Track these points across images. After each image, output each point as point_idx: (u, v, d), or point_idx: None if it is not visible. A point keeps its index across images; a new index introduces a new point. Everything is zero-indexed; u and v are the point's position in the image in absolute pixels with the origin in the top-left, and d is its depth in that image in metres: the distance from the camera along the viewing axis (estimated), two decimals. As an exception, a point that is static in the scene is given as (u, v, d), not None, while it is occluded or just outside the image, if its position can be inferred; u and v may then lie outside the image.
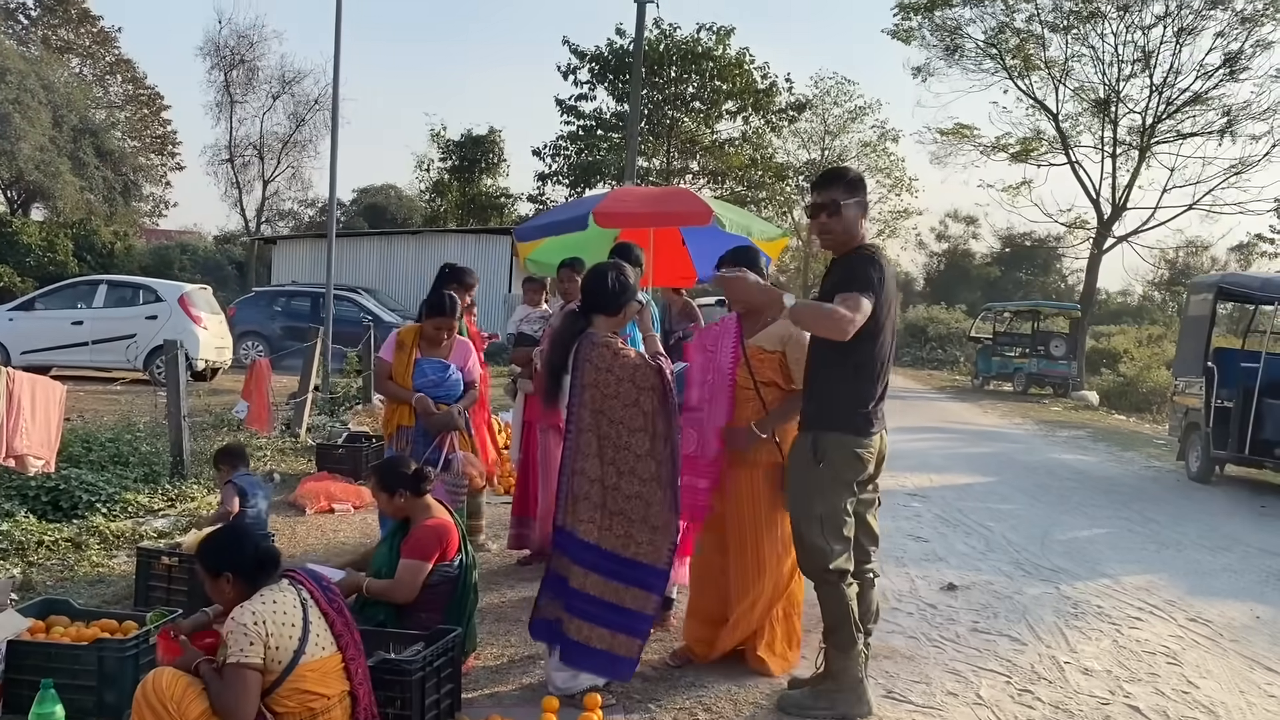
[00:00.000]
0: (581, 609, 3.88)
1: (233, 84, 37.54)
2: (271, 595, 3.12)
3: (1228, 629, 5.53)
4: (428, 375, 5.24)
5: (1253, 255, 49.27)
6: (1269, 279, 12.41)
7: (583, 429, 3.90)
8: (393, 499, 4.28)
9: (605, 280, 4.05)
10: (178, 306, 15.29)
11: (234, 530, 3.47)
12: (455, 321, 5.32)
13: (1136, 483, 11.13)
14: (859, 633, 3.97)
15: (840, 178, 4.01)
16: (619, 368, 3.86)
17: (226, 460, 5.34)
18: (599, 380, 3.85)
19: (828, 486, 3.87)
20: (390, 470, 4.35)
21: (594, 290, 4.06)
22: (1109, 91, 26.60)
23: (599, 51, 34.46)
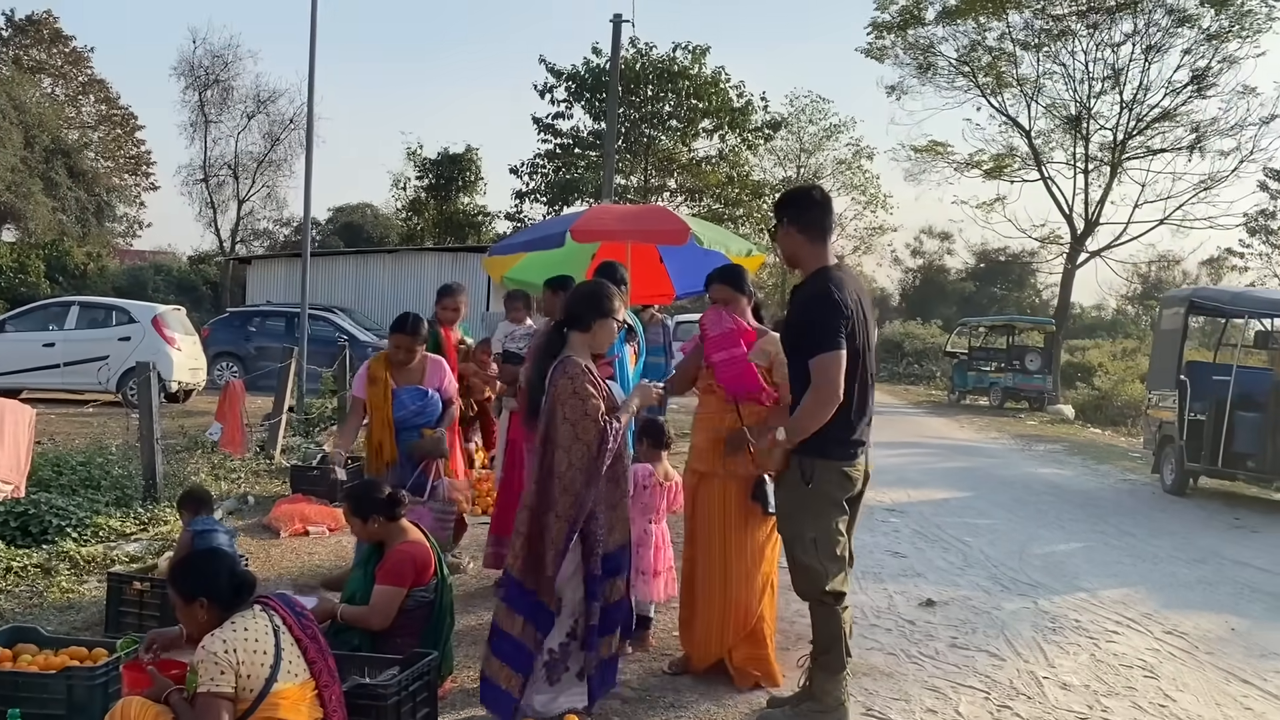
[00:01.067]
0: (495, 643, 3.83)
1: (207, 104, 37.33)
2: (243, 622, 3.07)
3: (1204, 641, 5.56)
4: (408, 405, 5.20)
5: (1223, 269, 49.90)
6: (1239, 293, 12.56)
7: (534, 453, 3.86)
8: (366, 524, 4.24)
9: (577, 296, 4.02)
10: (151, 328, 15.15)
11: (209, 555, 3.42)
12: (418, 340, 5.24)
13: (1112, 496, 11.19)
14: (849, 657, 3.97)
15: (781, 200, 4.11)
16: (569, 408, 3.72)
17: (189, 506, 5.17)
18: (554, 410, 3.77)
19: (819, 508, 3.88)
20: (363, 495, 4.30)
21: (569, 307, 4.01)
22: (1080, 108, 26.93)
23: (575, 70, 34.59)
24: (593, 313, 3.89)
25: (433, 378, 5.32)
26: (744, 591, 4.36)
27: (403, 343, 5.21)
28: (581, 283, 4.18)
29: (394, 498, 4.28)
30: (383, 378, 5.25)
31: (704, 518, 4.44)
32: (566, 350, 3.87)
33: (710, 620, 4.40)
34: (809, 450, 3.87)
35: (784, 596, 5.71)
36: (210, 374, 17.71)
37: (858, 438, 3.93)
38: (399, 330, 5.21)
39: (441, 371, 5.38)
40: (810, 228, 3.96)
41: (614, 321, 3.96)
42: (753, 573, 4.37)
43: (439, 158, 36.90)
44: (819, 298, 3.82)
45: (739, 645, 4.41)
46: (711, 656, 4.45)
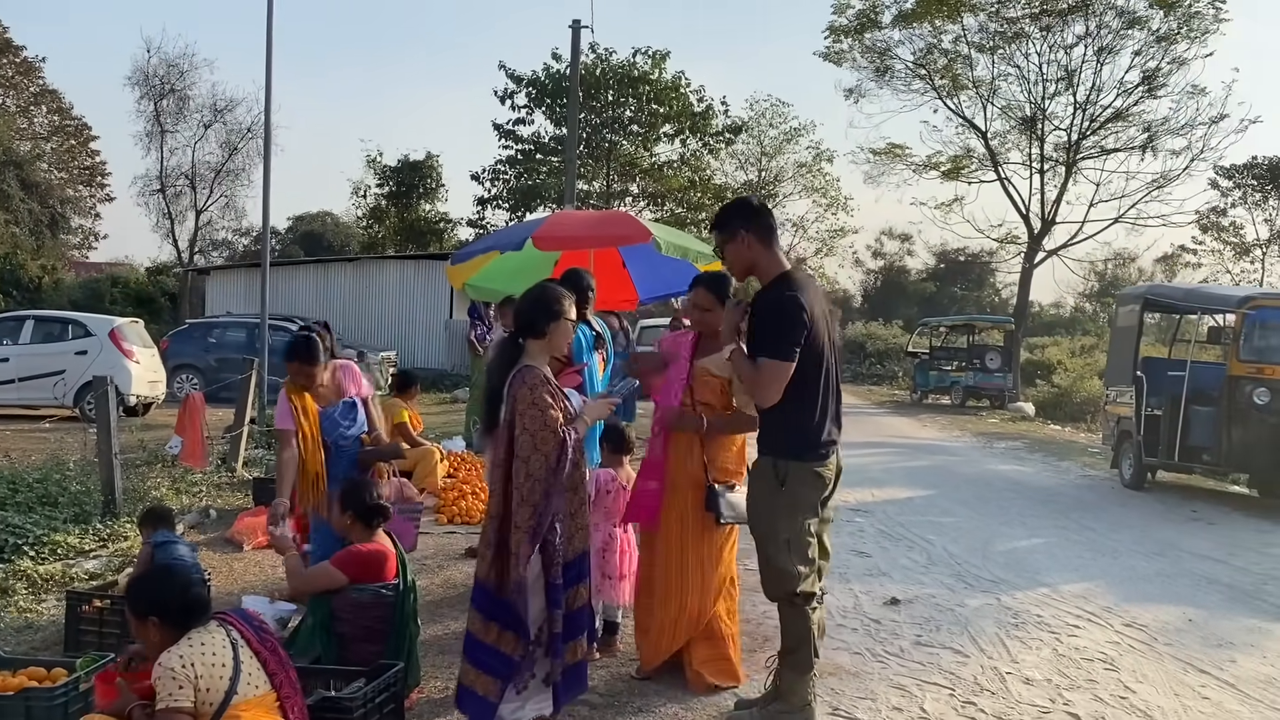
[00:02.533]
0: (470, 653, 3.82)
1: (163, 113, 36.91)
2: (199, 637, 3.05)
3: (1162, 633, 5.65)
4: (341, 422, 5.06)
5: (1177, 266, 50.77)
6: (1192, 290, 12.79)
7: (496, 463, 3.82)
8: (341, 515, 4.26)
9: (528, 302, 3.95)
10: (108, 341, 14.94)
11: (162, 574, 3.38)
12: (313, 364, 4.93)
13: (1073, 492, 11.35)
14: (816, 658, 3.99)
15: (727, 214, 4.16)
16: (529, 418, 3.70)
17: (149, 523, 5.09)
18: (514, 420, 3.74)
19: (792, 509, 3.92)
20: (354, 489, 4.35)
21: (520, 313, 3.96)
22: (1035, 109, 27.31)
23: (536, 76, 34.54)
24: (545, 317, 3.85)
25: (352, 384, 5.10)
26: (699, 593, 4.40)
27: (299, 371, 4.91)
28: (529, 288, 4.07)
29: (379, 508, 4.27)
30: (306, 404, 4.96)
31: (661, 523, 4.46)
32: (524, 359, 3.84)
33: (664, 619, 4.43)
34: (782, 452, 3.93)
35: (751, 597, 5.75)
36: (170, 387, 17.48)
37: (828, 439, 3.98)
38: (292, 358, 4.91)
39: (355, 375, 5.14)
40: (767, 234, 4.04)
41: (567, 322, 3.93)
42: (709, 575, 4.41)
43: (399, 165, 36.73)
44: (781, 305, 3.87)
45: (697, 645, 4.43)
46: (663, 655, 4.48)
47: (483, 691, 3.76)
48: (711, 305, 4.48)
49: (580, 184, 35.24)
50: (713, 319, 4.47)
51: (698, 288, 4.58)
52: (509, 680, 3.77)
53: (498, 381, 3.86)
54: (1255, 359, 10.32)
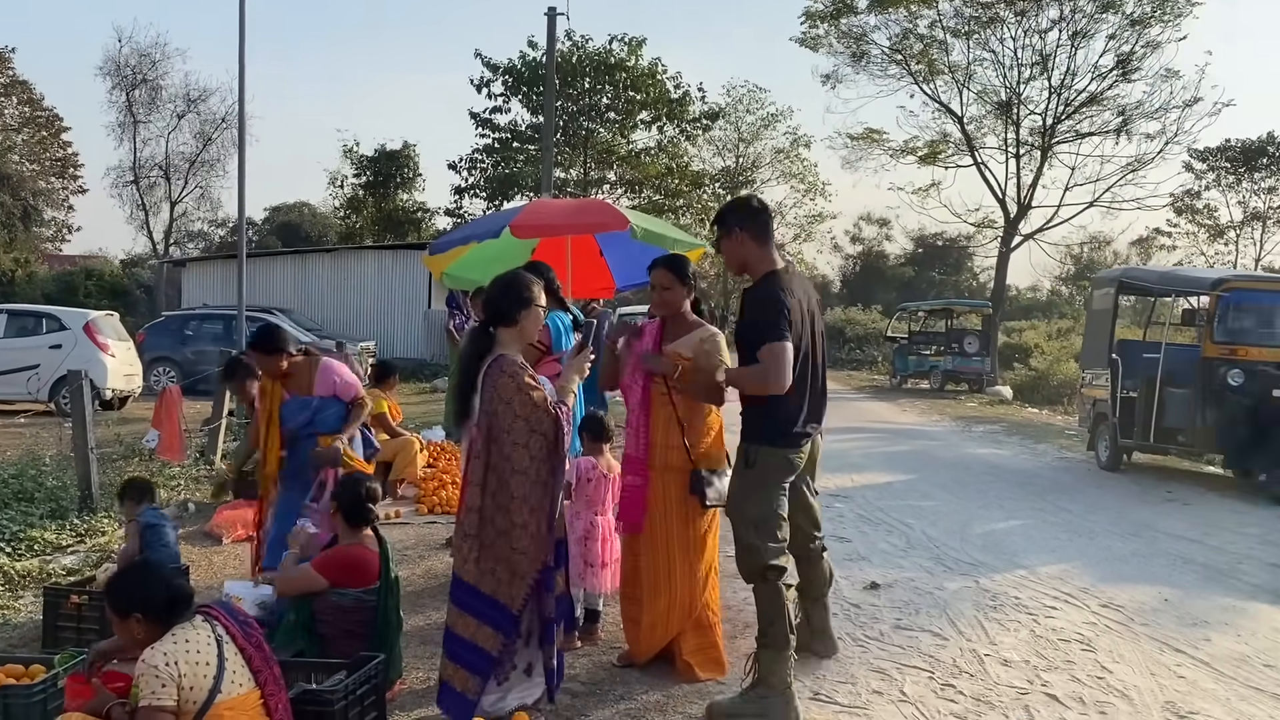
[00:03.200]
0: (449, 647, 3.83)
1: (135, 104, 36.45)
2: (184, 634, 3.04)
3: (1138, 613, 5.72)
4: (295, 416, 5.14)
5: (1152, 248, 51.15)
6: (1166, 272, 12.89)
7: (474, 455, 3.79)
8: (334, 513, 4.25)
9: (499, 291, 3.93)
10: (83, 335, 14.80)
11: (142, 568, 3.36)
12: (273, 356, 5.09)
13: (1050, 474, 11.44)
14: (792, 634, 4.06)
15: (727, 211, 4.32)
16: (519, 403, 3.70)
17: (132, 496, 5.11)
18: (498, 410, 3.73)
19: (761, 491, 4.06)
20: (349, 484, 4.37)
21: (491, 303, 3.94)
22: (1010, 94, 27.36)
23: (512, 64, 34.39)
24: (516, 305, 3.86)
25: (323, 385, 5.20)
26: (688, 582, 4.41)
27: (262, 364, 5.11)
28: (497, 277, 4.05)
29: (364, 506, 4.26)
30: (272, 389, 5.17)
31: (646, 510, 4.48)
32: (498, 349, 3.82)
33: (656, 612, 4.44)
34: (756, 438, 4.06)
35: (731, 584, 5.78)
36: (147, 380, 17.36)
37: (801, 430, 4.09)
38: (253, 349, 5.13)
39: (332, 376, 5.24)
40: (762, 233, 4.17)
41: (538, 309, 3.94)
42: (695, 563, 4.43)
43: (376, 154, 36.51)
44: (767, 299, 4.01)
45: (686, 636, 4.45)
46: (656, 647, 4.50)
47: (461, 688, 3.77)
48: (671, 284, 4.51)
49: (558, 172, 35.13)
50: (673, 298, 4.52)
51: (657, 268, 4.58)
52: (488, 676, 3.78)
53: (472, 371, 3.85)
54: (1229, 340, 10.42)
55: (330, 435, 5.17)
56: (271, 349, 5.09)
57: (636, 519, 4.46)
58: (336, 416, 5.23)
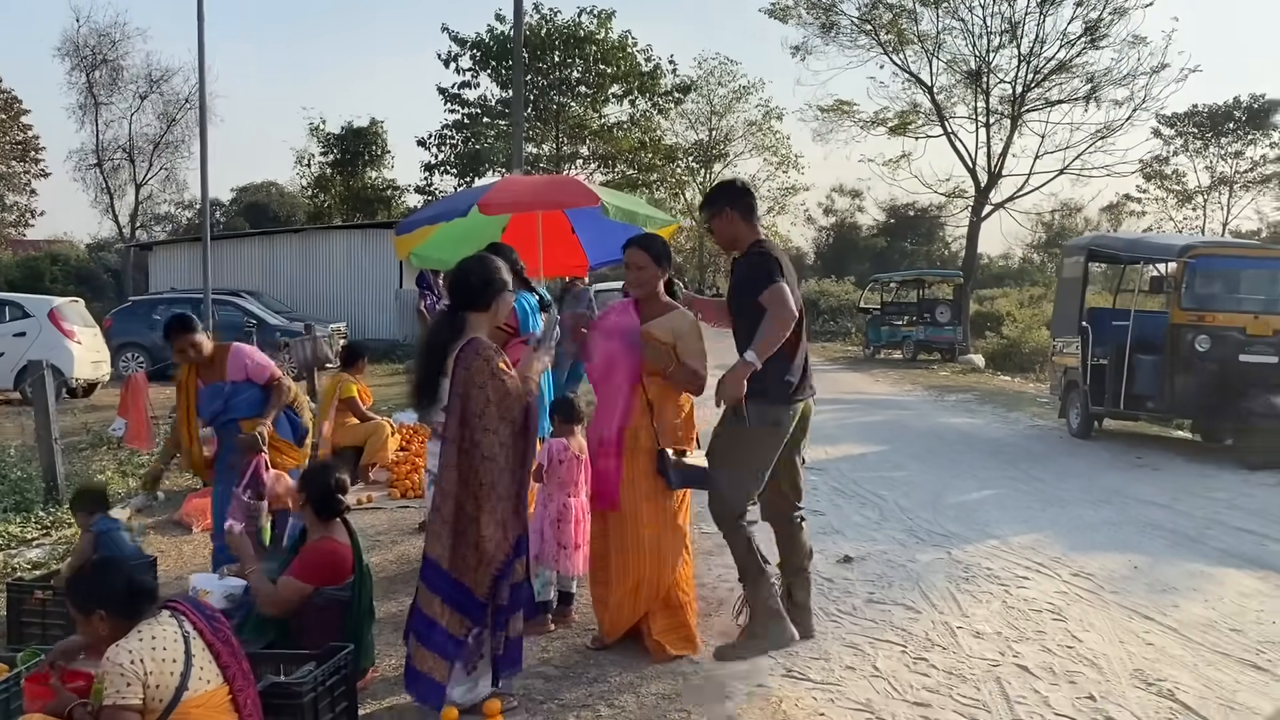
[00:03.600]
0: (417, 629, 3.81)
1: (96, 85, 35.86)
2: (150, 630, 2.99)
3: (1108, 581, 5.76)
4: (209, 404, 5.16)
5: (1122, 215, 51.52)
6: (1135, 239, 12.96)
7: (449, 439, 3.75)
8: (304, 504, 4.20)
9: (471, 275, 3.90)
10: (48, 322, 14.58)
11: (104, 565, 3.30)
12: (193, 338, 5.14)
13: (1022, 442, 11.52)
14: (765, 563, 4.49)
15: (710, 197, 4.70)
16: (491, 388, 3.68)
17: (84, 506, 4.98)
18: (470, 393, 3.70)
19: (749, 446, 4.41)
20: (314, 474, 4.31)
21: (463, 287, 3.90)
22: (980, 63, 27.38)
23: (480, 38, 34.04)
24: (490, 288, 3.86)
25: (234, 369, 5.22)
26: (655, 562, 4.40)
27: (179, 345, 5.12)
28: (464, 260, 4.02)
29: (333, 496, 4.20)
30: (185, 381, 5.22)
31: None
32: (469, 332, 3.79)
33: (623, 592, 4.44)
34: (749, 391, 4.25)
35: (706, 560, 5.79)
36: (115, 366, 17.16)
37: (791, 379, 4.41)
38: (166, 337, 5.17)
39: (242, 359, 5.26)
40: (748, 212, 4.61)
41: (508, 293, 3.95)
42: (663, 542, 4.41)
43: (343, 132, 36.13)
44: (758, 258, 4.44)
45: (656, 615, 4.45)
46: (624, 626, 4.50)
47: (431, 672, 3.75)
48: (645, 264, 4.53)
49: (530, 147, 34.89)
50: (647, 278, 4.53)
51: (631, 248, 4.58)
52: (456, 660, 3.76)
53: (442, 355, 3.80)
54: (1196, 307, 10.49)
55: (251, 421, 5.15)
56: (185, 329, 5.15)
57: (613, 496, 4.43)
58: (253, 401, 5.26)
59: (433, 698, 3.78)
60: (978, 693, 4.12)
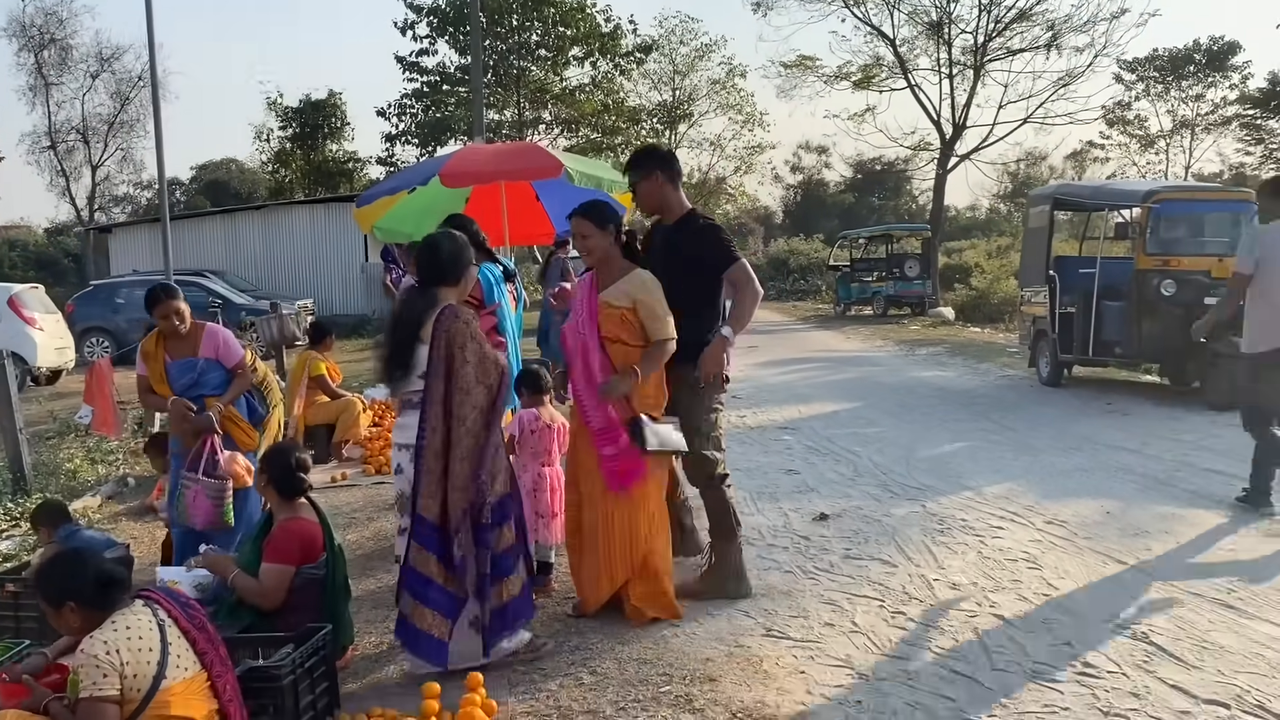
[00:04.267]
0: (412, 587, 3.84)
1: (45, 65, 35.18)
2: (124, 620, 2.95)
3: (1082, 528, 5.83)
4: (178, 379, 5.12)
5: (1086, 162, 51.78)
6: (1099, 187, 13.01)
7: (433, 400, 3.78)
8: (265, 485, 4.16)
9: (440, 250, 3.98)
10: (7, 309, 14.37)
11: (70, 555, 3.25)
12: (178, 304, 5.11)
13: (994, 393, 11.61)
14: (738, 525, 4.73)
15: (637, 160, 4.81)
16: (470, 351, 3.77)
17: (45, 521, 4.93)
18: (453, 355, 3.76)
19: (708, 406, 4.62)
20: (273, 455, 4.28)
21: (432, 262, 3.96)
22: (940, 13, 27.33)
23: (436, 4, 33.55)
24: (456, 264, 3.97)
25: (207, 346, 5.20)
26: (627, 532, 4.39)
27: (163, 311, 5.08)
28: (429, 235, 4.14)
29: (295, 476, 4.15)
30: (154, 352, 5.17)
31: (585, 461, 4.46)
32: (443, 301, 3.85)
33: (597, 561, 4.44)
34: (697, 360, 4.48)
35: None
36: (80, 351, 16.94)
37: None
38: (152, 305, 5.11)
39: (216, 339, 5.25)
40: (676, 176, 4.74)
41: (474, 266, 4.10)
42: (635, 513, 4.40)
43: (301, 105, 35.68)
44: (710, 228, 4.67)
45: (635, 583, 4.44)
46: (603, 596, 4.49)
47: (432, 630, 3.79)
48: (590, 231, 4.49)
49: (492, 114, 34.52)
50: (595, 245, 4.49)
51: (574, 218, 4.53)
52: (456, 618, 3.82)
53: (414, 325, 3.84)
54: (1161, 251, 10.57)
55: (213, 399, 5.12)
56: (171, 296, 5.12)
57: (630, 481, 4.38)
58: (220, 382, 5.24)
59: (436, 656, 3.83)
60: (956, 644, 4.16)
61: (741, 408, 10.51)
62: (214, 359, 5.22)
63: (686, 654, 4.10)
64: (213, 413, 5.09)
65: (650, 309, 4.35)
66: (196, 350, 5.19)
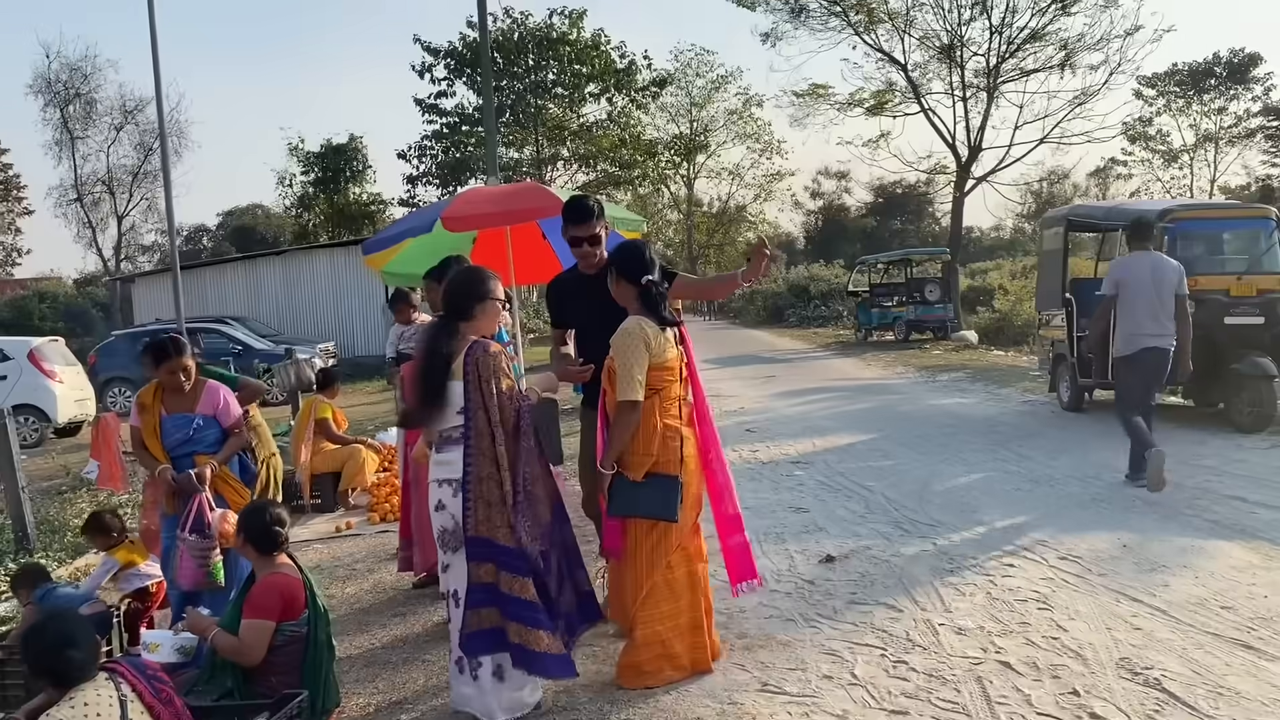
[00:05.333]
0: (521, 616, 3.80)
1: (71, 120, 35.82)
2: (83, 696, 2.89)
3: (1096, 563, 5.64)
4: (172, 435, 5.03)
5: (1109, 178, 51.40)
6: (1113, 207, 12.81)
7: (480, 432, 3.83)
8: (244, 544, 4.09)
9: (456, 288, 4.02)
10: (28, 363, 14.51)
11: (33, 631, 3.19)
12: (186, 361, 5.03)
13: (1014, 419, 11.40)
14: None
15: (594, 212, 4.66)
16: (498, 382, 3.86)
17: (25, 584, 4.97)
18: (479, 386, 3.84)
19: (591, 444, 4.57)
20: (249, 514, 4.19)
21: (448, 300, 4.02)
22: (952, 37, 27.25)
23: (453, 47, 33.92)
24: (472, 300, 3.97)
25: (206, 404, 5.12)
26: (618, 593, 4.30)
27: (174, 368, 5.00)
28: (453, 273, 4.27)
29: (272, 531, 4.08)
30: (151, 406, 5.09)
31: None
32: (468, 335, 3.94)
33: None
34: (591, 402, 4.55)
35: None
36: (103, 402, 17.07)
37: None
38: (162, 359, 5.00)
39: (217, 397, 5.16)
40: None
41: (496, 302, 4.04)
42: (624, 575, 4.24)
43: (323, 150, 36.06)
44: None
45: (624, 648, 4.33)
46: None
47: (552, 649, 3.80)
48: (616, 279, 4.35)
49: (510, 152, 34.80)
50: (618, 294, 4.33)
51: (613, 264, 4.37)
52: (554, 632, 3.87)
53: (446, 361, 3.89)
54: (1178, 271, 10.34)
55: (205, 456, 5.04)
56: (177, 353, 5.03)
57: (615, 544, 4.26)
58: (216, 438, 5.14)
59: (565, 669, 3.87)
60: (958, 695, 4.00)
61: (754, 441, 10.36)
62: (211, 416, 5.15)
63: (676, 712, 3.97)
64: (205, 470, 5.01)
65: (619, 363, 4.14)
66: (195, 406, 5.11)
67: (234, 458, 5.23)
